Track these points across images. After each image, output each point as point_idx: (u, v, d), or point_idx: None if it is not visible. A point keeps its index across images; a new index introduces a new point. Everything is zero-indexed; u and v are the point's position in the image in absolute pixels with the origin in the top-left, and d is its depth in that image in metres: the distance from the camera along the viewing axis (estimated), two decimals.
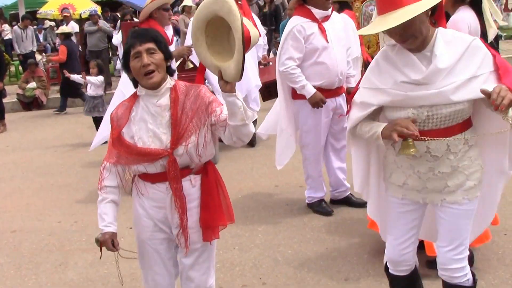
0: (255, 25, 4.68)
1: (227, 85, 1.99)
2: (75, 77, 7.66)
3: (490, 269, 3.12)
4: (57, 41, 12.66)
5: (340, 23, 4.01)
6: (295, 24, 3.82)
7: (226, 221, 2.24)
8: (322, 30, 3.82)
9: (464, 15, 3.30)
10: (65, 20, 11.64)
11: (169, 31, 4.62)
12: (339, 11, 7.30)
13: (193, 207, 2.18)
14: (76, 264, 3.67)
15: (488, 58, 1.98)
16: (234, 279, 3.28)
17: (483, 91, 1.85)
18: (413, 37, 1.94)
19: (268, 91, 5.83)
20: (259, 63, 7.04)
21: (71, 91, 9.33)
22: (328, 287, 3.10)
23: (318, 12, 3.83)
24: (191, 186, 2.17)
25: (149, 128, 2.10)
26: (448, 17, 4.73)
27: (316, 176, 4.11)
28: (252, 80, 5.71)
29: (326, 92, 3.87)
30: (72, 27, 11.39)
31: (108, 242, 2.15)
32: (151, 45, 2.08)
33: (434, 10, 2.01)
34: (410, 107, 2.02)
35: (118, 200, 2.24)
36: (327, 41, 3.82)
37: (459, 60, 1.97)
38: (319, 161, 4.10)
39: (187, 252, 2.22)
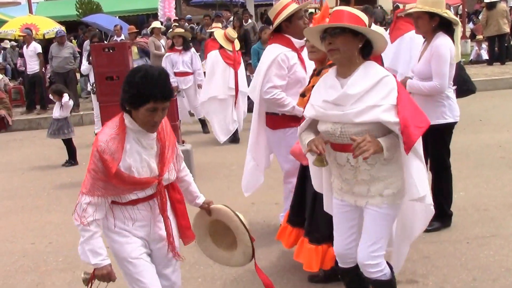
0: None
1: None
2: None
3: (454, 273, 3.35)
4: (18, 61, 12.32)
5: None
6: (279, 52, 3.68)
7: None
8: (302, 60, 3.71)
9: (446, 41, 3.61)
10: (26, 40, 11.07)
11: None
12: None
13: (169, 215, 2.42)
14: (54, 284, 3.65)
15: (393, 93, 2.28)
16: None
17: (352, 139, 2.23)
18: (337, 51, 2.30)
19: None
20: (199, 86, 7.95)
21: None
22: None
23: (296, 42, 3.70)
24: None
25: (144, 159, 2.27)
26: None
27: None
28: None
29: None
30: (35, 47, 10.81)
31: (112, 274, 2.28)
32: (168, 104, 2.20)
33: (366, 48, 2.34)
34: (329, 123, 2.38)
35: None
36: (306, 71, 3.71)
37: (369, 91, 2.29)
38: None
39: (179, 258, 2.47)
